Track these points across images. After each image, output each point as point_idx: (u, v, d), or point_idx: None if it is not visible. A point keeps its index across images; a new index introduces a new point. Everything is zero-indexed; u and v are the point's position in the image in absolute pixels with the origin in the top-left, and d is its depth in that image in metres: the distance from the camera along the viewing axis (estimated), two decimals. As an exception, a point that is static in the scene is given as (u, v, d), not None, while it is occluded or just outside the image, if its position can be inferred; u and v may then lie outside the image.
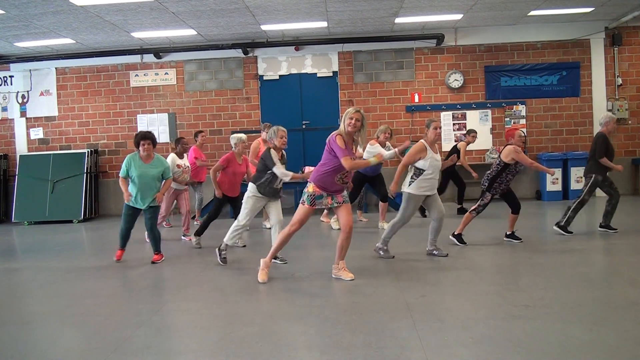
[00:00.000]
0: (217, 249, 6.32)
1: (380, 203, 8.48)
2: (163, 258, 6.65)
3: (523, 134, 6.87)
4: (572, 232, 7.12)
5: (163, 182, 6.60)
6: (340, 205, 5.31)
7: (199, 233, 7.38)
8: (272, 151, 6.04)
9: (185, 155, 8.27)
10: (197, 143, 9.42)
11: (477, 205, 6.79)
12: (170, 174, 6.71)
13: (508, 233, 6.86)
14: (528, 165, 6.67)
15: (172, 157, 7.98)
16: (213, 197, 7.45)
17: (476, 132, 9.72)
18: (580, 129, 11.30)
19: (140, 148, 6.39)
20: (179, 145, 8.13)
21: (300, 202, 5.31)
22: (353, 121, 5.10)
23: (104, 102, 11.78)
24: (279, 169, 5.99)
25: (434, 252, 6.17)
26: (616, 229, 7.14)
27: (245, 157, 7.41)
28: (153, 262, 6.50)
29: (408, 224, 6.31)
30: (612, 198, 7.16)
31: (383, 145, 8.08)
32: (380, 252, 6.24)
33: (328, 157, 5.18)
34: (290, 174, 6.04)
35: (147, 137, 6.42)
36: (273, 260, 6.16)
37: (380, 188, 8.34)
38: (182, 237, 8.12)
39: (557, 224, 7.20)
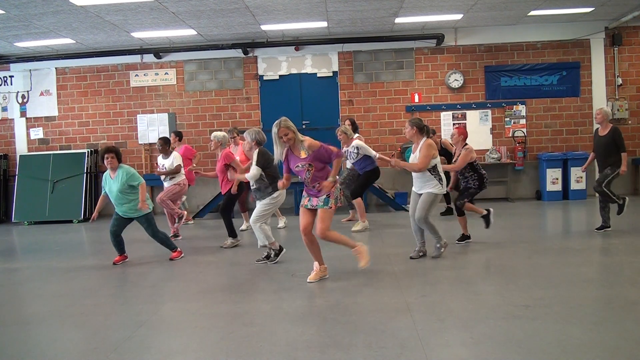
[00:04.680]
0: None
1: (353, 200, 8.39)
2: (182, 255, 6.76)
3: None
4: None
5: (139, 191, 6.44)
6: (319, 209, 5.27)
7: (232, 235, 7.42)
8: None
9: (172, 154, 8.27)
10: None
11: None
12: (139, 180, 6.43)
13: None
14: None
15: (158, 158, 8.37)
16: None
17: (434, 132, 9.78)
18: (580, 129, 11.30)
19: (105, 162, 6.33)
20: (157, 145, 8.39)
21: None
22: (285, 138, 5.14)
23: (104, 102, 11.77)
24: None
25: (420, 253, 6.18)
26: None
27: (225, 151, 7.34)
28: (171, 259, 6.63)
29: (404, 224, 6.29)
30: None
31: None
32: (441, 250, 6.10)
33: None
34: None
35: (111, 151, 6.34)
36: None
37: (357, 183, 8.28)
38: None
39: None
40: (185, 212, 8.50)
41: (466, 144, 6.77)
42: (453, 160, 6.95)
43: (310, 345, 3.72)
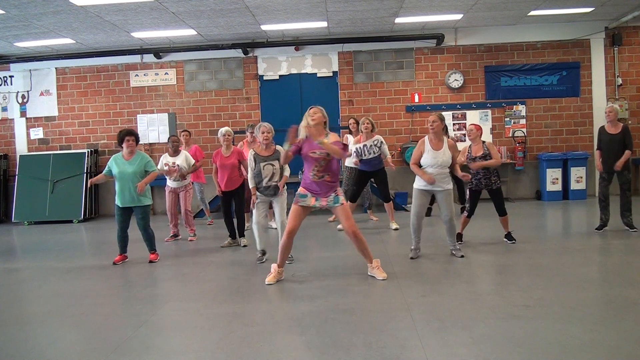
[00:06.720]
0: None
1: (385, 204, 8.43)
2: (158, 258, 6.67)
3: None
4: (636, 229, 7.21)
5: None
6: (333, 208, 5.29)
7: (232, 236, 7.42)
8: (250, 154, 6.20)
9: (182, 152, 8.17)
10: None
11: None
12: (154, 167, 6.62)
13: (505, 233, 6.89)
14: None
15: (162, 156, 8.15)
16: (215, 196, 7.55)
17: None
18: (580, 129, 11.30)
19: (124, 144, 6.48)
20: (169, 143, 8.16)
21: None
22: (315, 117, 5.35)
23: (104, 102, 11.78)
24: (250, 172, 6.21)
25: (452, 251, 6.19)
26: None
27: (237, 148, 7.42)
28: (150, 262, 6.53)
29: (404, 224, 6.30)
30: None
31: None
32: (416, 252, 6.19)
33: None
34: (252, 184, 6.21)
35: (132, 134, 6.53)
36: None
37: (382, 188, 8.28)
38: (189, 238, 8.10)
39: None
40: (180, 235, 8.28)
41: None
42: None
43: (310, 345, 3.72)
